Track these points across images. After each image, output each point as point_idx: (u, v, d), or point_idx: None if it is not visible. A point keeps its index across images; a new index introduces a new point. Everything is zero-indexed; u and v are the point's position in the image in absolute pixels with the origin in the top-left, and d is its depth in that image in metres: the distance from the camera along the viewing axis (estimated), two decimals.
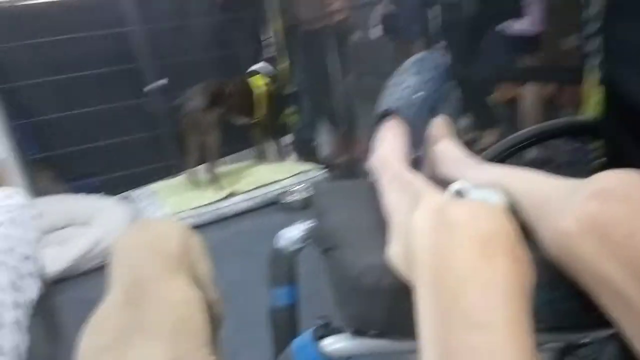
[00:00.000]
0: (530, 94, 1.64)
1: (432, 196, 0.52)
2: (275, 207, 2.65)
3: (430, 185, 0.58)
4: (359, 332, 0.53)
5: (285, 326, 0.84)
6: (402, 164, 0.76)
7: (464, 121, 2.16)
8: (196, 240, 1.05)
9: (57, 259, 2.00)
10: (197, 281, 0.95)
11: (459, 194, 0.63)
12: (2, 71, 2.65)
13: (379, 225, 0.62)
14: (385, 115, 0.90)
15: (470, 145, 1.95)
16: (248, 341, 1.53)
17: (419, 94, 0.88)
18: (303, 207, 2.55)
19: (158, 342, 0.75)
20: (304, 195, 2.65)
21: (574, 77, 1.19)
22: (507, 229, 0.42)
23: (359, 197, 0.76)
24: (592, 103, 1.11)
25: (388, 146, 0.85)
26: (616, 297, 0.43)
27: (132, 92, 2.94)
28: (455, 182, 0.64)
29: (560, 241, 0.47)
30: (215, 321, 1.15)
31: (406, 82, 0.90)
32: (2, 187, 1.62)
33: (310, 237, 0.78)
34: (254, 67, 2.96)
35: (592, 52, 1.11)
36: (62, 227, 2.31)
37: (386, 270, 0.52)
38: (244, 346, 1.51)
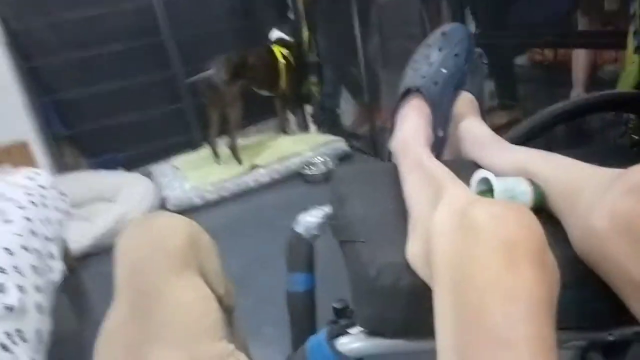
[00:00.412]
0: (580, 57, 1.52)
1: (454, 192, 0.48)
2: (298, 180, 2.64)
3: (453, 177, 0.54)
4: (374, 332, 0.51)
5: (302, 311, 0.83)
6: (424, 149, 0.72)
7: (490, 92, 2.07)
8: (203, 234, 1.02)
9: (83, 235, 2.03)
10: (205, 277, 0.93)
11: (483, 185, 0.59)
12: (25, 49, 2.65)
13: (399, 217, 0.59)
14: (408, 93, 0.85)
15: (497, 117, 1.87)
16: (270, 317, 1.54)
17: (444, 70, 0.83)
18: (325, 180, 2.52)
19: (174, 349, 0.74)
20: (326, 167, 2.62)
21: (617, 42, 1.09)
22: (534, 233, 0.38)
23: (379, 183, 0.72)
24: (632, 73, 1.03)
25: (410, 127, 0.80)
26: None
27: (154, 66, 2.93)
28: (479, 171, 0.60)
29: (590, 239, 0.43)
30: (227, 312, 1.14)
31: (430, 57, 0.84)
32: (25, 168, 1.64)
33: (329, 225, 0.75)
34: (274, 36, 2.89)
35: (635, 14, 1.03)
36: (87, 204, 2.34)
37: (405, 269, 0.49)
38: (264, 322, 1.52)
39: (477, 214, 0.40)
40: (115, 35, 2.81)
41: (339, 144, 2.77)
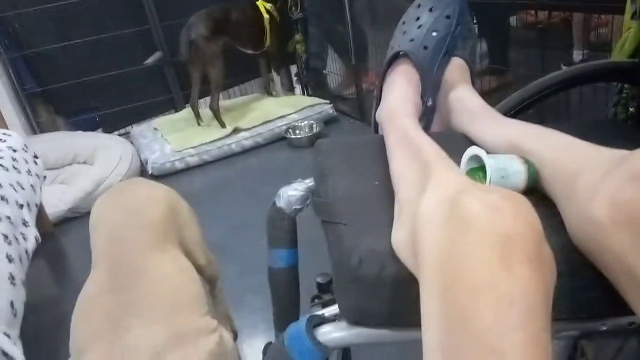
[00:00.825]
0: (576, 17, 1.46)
1: (443, 175, 0.44)
2: (282, 144, 2.58)
3: (442, 156, 0.50)
4: (357, 322, 0.48)
5: (285, 288, 0.80)
6: (412, 120, 0.68)
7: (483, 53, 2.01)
8: (182, 203, 0.99)
9: (60, 199, 1.98)
10: (185, 247, 0.90)
11: (473, 162, 0.56)
12: None
13: (385, 196, 0.55)
14: (396, 57, 0.80)
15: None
16: (253, 285, 1.53)
17: (434, 33, 0.78)
18: (310, 144, 2.47)
19: (155, 321, 0.73)
20: (312, 131, 2.57)
21: (614, 4, 1.04)
22: (532, 227, 0.35)
23: (364, 157, 0.68)
24: (628, 39, 0.99)
25: (398, 95, 0.76)
26: None
27: (131, 19, 2.79)
28: (471, 148, 0.56)
29: (588, 228, 0.41)
30: (210, 283, 1.13)
31: (420, 19, 0.79)
32: None
33: (311, 201, 0.72)
34: None
35: None
36: (63, 166, 2.27)
37: (389, 257, 0.45)
38: (248, 290, 1.51)
39: (470, 204, 0.36)
40: None
41: (325, 107, 2.70)
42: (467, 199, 0.37)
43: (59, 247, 1.92)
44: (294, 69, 3.24)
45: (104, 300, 0.76)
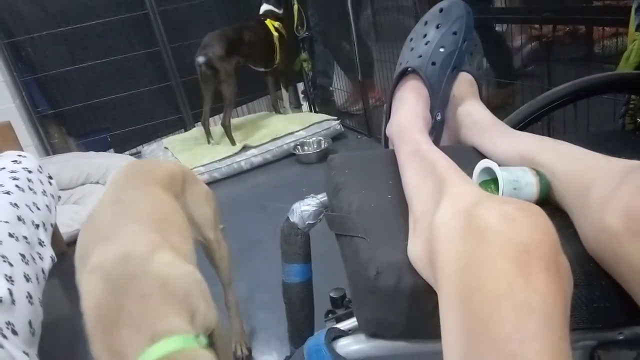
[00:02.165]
0: None
1: (458, 188, 0.45)
2: (291, 160, 2.60)
3: (455, 169, 0.51)
4: (375, 334, 0.49)
5: (299, 303, 0.81)
6: (423, 135, 0.69)
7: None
8: (199, 181, 1.24)
9: (73, 219, 2.00)
10: (191, 216, 1.12)
11: (485, 174, 0.57)
12: (6, 25, 2.56)
13: (398, 210, 0.56)
14: (405, 73, 0.81)
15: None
16: (264, 301, 1.53)
17: (441, 49, 0.79)
18: (319, 160, 2.49)
19: (145, 230, 0.90)
20: (320, 147, 2.59)
21: (619, 19, 1.05)
22: (549, 236, 0.36)
23: (376, 172, 0.69)
24: (634, 51, 1.00)
25: (408, 111, 0.77)
26: None
27: (140, 42, 2.84)
28: (483, 161, 0.57)
29: (602, 237, 0.41)
30: (221, 275, 1.27)
31: (428, 36, 0.80)
32: (9, 151, 1.59)
33: (324, 216, 0.73)
34: (264, 9, 2.81)
35: None
36: (76, 186, 2.30)
37: (406, 269, 0.46)
38: (260, 307, 1.51)
39: (486, 215, 0.37)
40: (99, 9, 2.72)
41: (332, 123, 2.73)
42: (483, 210, 0.38)
43: (72, 266, 1.93)
44: (300, 86, 3.28)
45: (104, 215, 0.94)
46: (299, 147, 2.60)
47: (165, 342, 0.74)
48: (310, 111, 3.20)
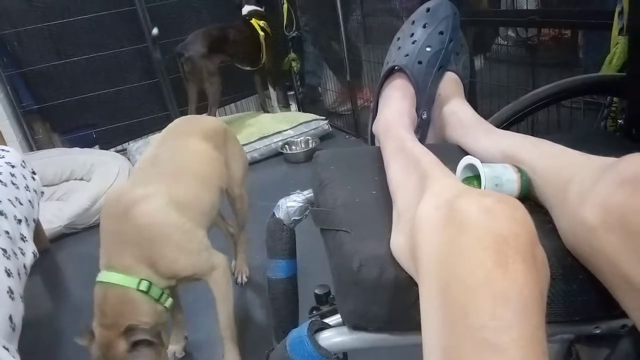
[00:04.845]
0: None
1: (440, 181, 0.45)
2: (279, 159, 2.60)
3: (439, 164, 0.52)
4: (357, 326, 0.49)
5: (284, 298, 0.81)
6: (409, 132, 0.70)
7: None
8: (232, 133, 1.47)
9: (56, 216, 1.97)
10: (228, 171, 1.35)
11: (468, 171, 0.57)
12: None
13: (383, 205, 0.57)
14: (392, 72, 0.82)
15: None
16: (255, 300, 1.53)
17: (428, 49, 0.80)
18: (307, 159, 2.49)
19: (154, 180, 1.10)
20: (308, 146, 2.59)
21: (601, 21, 1.07)
22: (527, 228, 0.36)
23: (362, 168, 0.70)
24: (616, 54, 1.02)
25: (394, 109, 0.78)
26: (638, 298, 0.38)
27: (128, 38, 2.82)
28: (466, 158, 0.58)
29: (580, 232, 0.42)
30: (239, 221, 1.56)
31: (414, 35, 0.81)
32: None
33: (310, 212, 0.73)
34: (247, 10, 2.80)
35: None
36: (60, 182, 2.27)
37: (389, 261, 0.47)
38: (247, 305, 1.51)
39: (466, 207, 0.38)
40: (86, 4, 2.69)
41: (321, 123, 2.73)
42: (464, 202, 0.38)
43: (55, 263, 1.91)
44: (289, 85, 3.28)
45: (139, 164, 1.22)
46: (286, 146, 2.59)
47: (104, 273, 0.99)
48: (299, 111, 3.20)
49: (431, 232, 0.40)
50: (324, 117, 2.79)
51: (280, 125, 2.68)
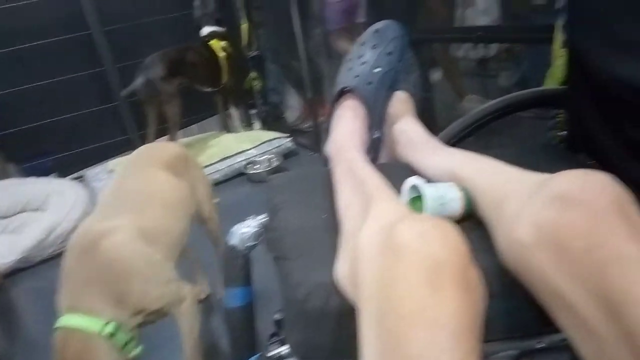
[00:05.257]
0: None
1: (382, 206, 0.46)
2: (241, 179, 2.57)
3: (383, 187, 0.52)
4: (305, 357, 0.48)
5: (241, 328, 0.79)
6: (359, 153, 0.70)
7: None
8: (199, 170, 1.46)
9: (10, 250, 1.89)
10: (195, 194, 1.35)
11: (414, 192, 0.58)
12: None
13: (333, 231, 0.56)
14: (343, 93, 0.82)
15: None
16: (216, 330, 1.49)
17: (377, 70, 0.81)
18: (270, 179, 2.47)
19: (121, 211, 1.07)
20: (271, 165, 2.58)
21: (544, 36, 1.11)
22: (459, 252, 0.37)
23: (314, 192, 0.69)
24: (559, 67, 1.06)
25: (345, 129, 0.78)
26: (570, 315, 0.38)
27: (83, 62, 2.76)
28: (410, 179, 0.58)
29: (514, 250, 0.43)
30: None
31: (364, 57, 0.82)
32: None
33: (263, 238, 0.72)
34: (206, 32, 2.79)
35: (562, 9, 1.05)
36: (15, 214, 2.18)
37: (335, 289, 0.46)
38: (204, 333, 1.47)
39: (402, 232, 0.38)
40: (40, 29, 2.62)
41: (284, 141, 2.72)
42: (400, 227, 0.38)
43: (8, 300, 1.82)
44: (251, 104, 3.27)
45: (102, 197, 1.25)
46: (250, 165, 2.57)
47: (66, 317, 0.91)
48: (262, 129, 3.19)
49: (370, 259, 0.40)
50: (288, 135, 2.78)
51: (242, 145, 2.66)
